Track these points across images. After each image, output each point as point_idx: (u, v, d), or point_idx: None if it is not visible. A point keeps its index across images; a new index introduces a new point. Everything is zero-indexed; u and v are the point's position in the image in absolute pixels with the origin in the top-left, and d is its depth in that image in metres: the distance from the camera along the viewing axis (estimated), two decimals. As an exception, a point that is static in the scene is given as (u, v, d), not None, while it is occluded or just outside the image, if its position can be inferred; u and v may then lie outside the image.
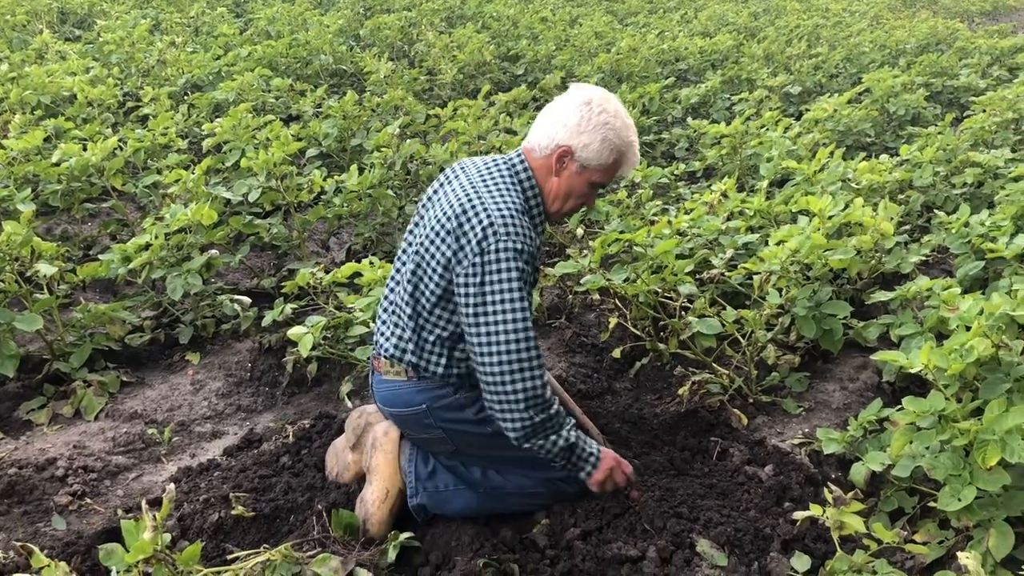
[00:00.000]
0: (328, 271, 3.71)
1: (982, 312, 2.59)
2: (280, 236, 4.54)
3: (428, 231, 2.46)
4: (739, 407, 3.23)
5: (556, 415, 2.43)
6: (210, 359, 3.82)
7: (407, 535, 2.48)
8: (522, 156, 2.55)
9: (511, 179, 2.51)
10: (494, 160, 2.58)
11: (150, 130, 5.15)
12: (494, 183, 2.48)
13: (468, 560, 2.38)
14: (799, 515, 2.32)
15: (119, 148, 4.83)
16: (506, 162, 2.55)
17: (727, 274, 3.59)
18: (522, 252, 2.35)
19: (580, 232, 4.47)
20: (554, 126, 2.50)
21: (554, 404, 2.44)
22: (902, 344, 3.06)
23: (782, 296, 3.32)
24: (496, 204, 2.39)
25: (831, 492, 2.21)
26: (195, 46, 8.33)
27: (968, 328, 2.56)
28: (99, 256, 3.93)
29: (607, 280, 3.33)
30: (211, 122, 5.28)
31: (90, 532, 2.63)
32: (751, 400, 3.31)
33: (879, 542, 2.14)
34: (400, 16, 10.08)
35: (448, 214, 2.42)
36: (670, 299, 3.43)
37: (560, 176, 2.52)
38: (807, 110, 6.75)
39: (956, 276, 3.58)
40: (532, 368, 2.35)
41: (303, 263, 4.45)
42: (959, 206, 3.95)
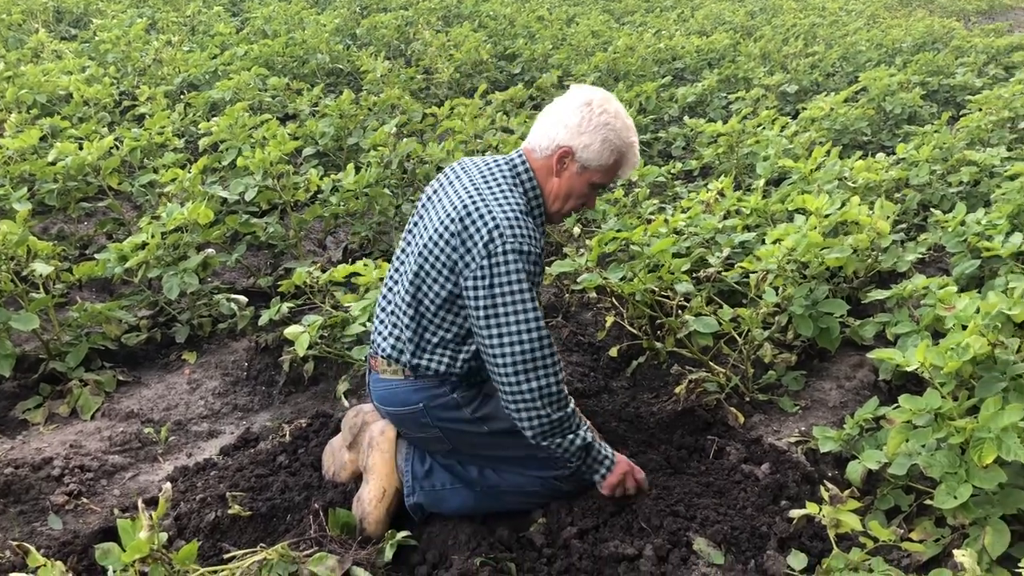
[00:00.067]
0: (325, 270, 3.70)
1: (978, 311, 2.59)
2: (276, 235, 4.53)
3: (431, 232, 2.46)
4: (736, 405, 3.23)
5: (573, 413, 2.45)
6: (207, 358, 3.81)
7: (404, 534, 2.48)
8: (523, 157, 2.55)
9: (513, 180, 2.51)
10: (495, 160, 2.58)
11: (146, 129, 5.14)
12: (496, 184, 2.47)
13: (465, 559, 2.38)
14: (795, 513, 2.32)
15: (115, 147, 4.82)
16: (508, 162, 2.55)
17: (724, 273, 3.59)
18: (529, 253, 2.35)
19: (577, 231, 4.47)
20: (555, 127, 2.50)
21: (571, 402, 2.45)
22: (898, 342, 3.06)
23: (779, 295, 3.32)
24: (500, 206, 2.39)
25: (827, 490, 2.21)
26: (191, 45, 8.32)
27: (964, 327, 2.56)
28: (95, 255, 3.92)
29: (604, 279, 3.33)
30: (207, 121, 5.27)
31: (86, 532, 2.63)
32: (748, 398, 3.31)
33: (875, 540, 2.15)
34: (397, 15, 10.06)
35: (452, 216, 2.42)
36: (667, 298, 3.44)
37: (561, 177, 2.52)
38: (804, 109, 6.75)
39: (952, 274, 3.59)
40: (547, 366, 2.36)
41: (300, 262, 4.44)
42: (955, 205, 3.95)
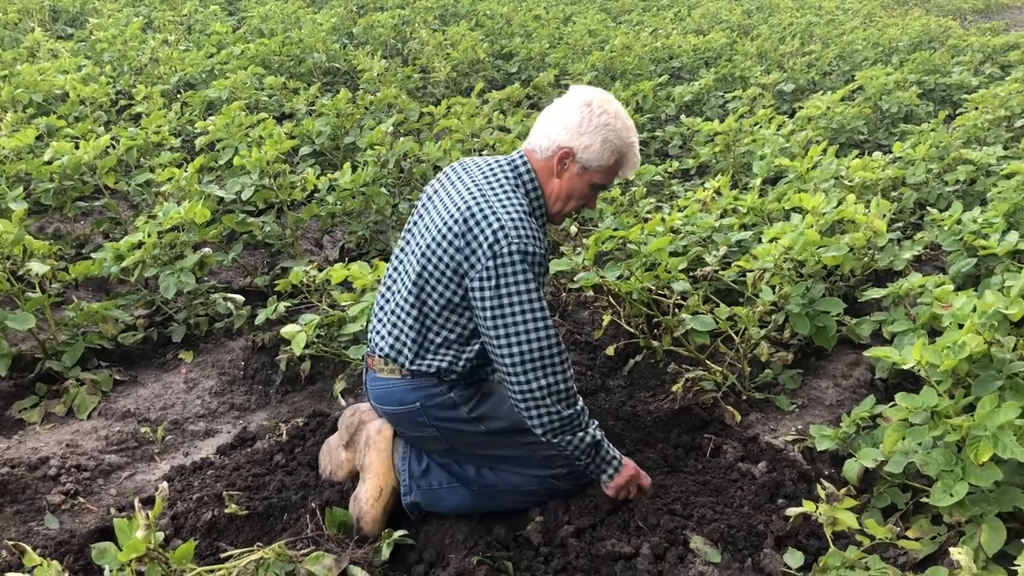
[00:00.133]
0: (321, 269, 3.70)
1: (975, 309, 2.59)
2: (273, 234, 4.53)
3: (433, 233, 2.45)
4: (732, 404, 3.23)
5: (583, 411, 2.46)
6: (203, 357, 3.81)
7: (401, 533, 2.48)
8: (524, 157, 2.55)
9: (515, 181, 2.51)
10: (496, 161, 2.57)
11: (143, 128, 5.13)
12: (499, 185, 2.47)
13: (462, 558, 2.38)
14: (792, 511, 2.32)
15: (112, 146, 4.82)
16: (509, 163, 2.55)
17: (720, 271, 3.59)
18: (534, 254, 2.36)
19: (574, 230, 4.47)
20: (555, 128, 2.50)
21: (580, 400, 2.46)
22: (895, 341, 3.06)
23: (775, 293, 3.32)
24: (504, 207, 2.39)
25: (824, 488, 2.22)
26: (188, 44, 8.31)
27: (961, 325, 2.57)
28: (92, 255, 3.92)
29: (601, 277, 3.33)
30: (204, 120, 5.26)
31: (83, 531, 2.63)
32: (744, 397, 3.32)
33: (872, 538, 2.15)
34: (393, 14, 10.06)
35: (455, 217, 2.41)
36: (664, 296, 3.44)
37: (561, 178, 2.52)
38: (800, 108, 6.76)
39: (949, 273, 3.59)
40: (555, 364, 2.37)
41: (296, 261, 4.44)
42: (952, 203, 3.96)
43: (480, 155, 5.19)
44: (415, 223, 2.60)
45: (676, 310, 3.40)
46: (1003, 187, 4.07)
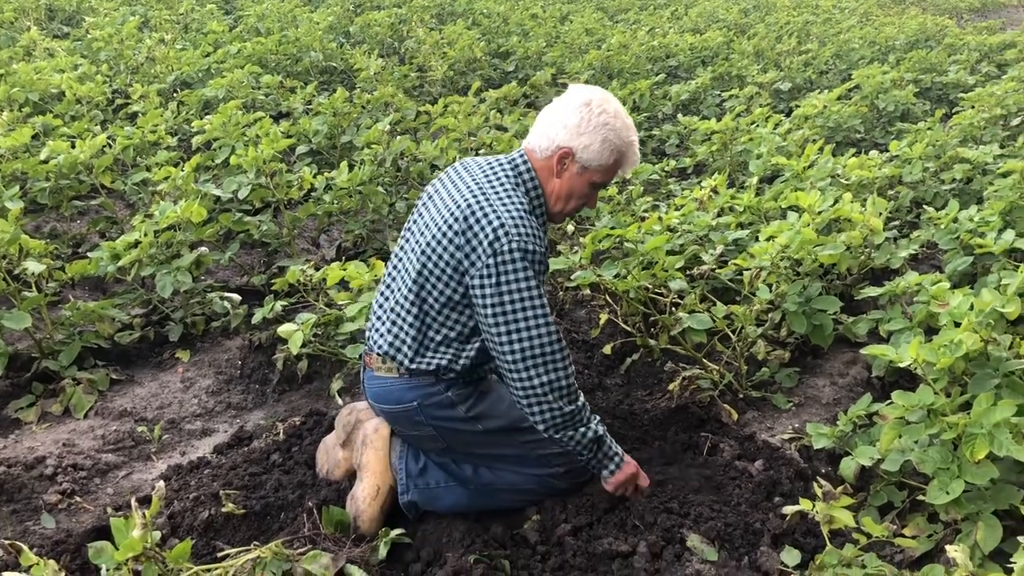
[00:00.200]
0: (318, 268, 3.69)
1: (972, 308, 2.60)
2: (270, 233, 4.52)
3: (434, 231, 2.45)
4: (729, 402, 3.23)
5: (584, 407, 2.47)
6: (200, 357, 3.80)
7: (398, 532, 2.48)
8: (524, 156, 2.55)
9: (515, 179, 2.51)
10: (497, 160, 2.58)
11: (139, 127, 5.13)
12: (500, 184, 2.47)
13: (459, 556, 2.38)
14: (789, 509, 2.32)
15: (108, 145, 4.81)
16: (509, 162, 2.55)
17: (717, 270, 3.59)
18: (534, 252, 2.36)
19: (571, 228, 4.47)
20: (554, 127, 2.50)
21: (581, 396, 2.47)
22: (891, 339, 3.07)
23: (772, 292, 3.33)
24: (505, 205, 2.40)
25: (821, 487, 2.22)
26: (184, 43, 8.29)
27: (958, 324, 2.57)
28: (88, 254, 3.91)
29: (598, 276, 3.33)
30: (200, 119, 5.26)
31: (80, 530, 2.62)
32: (741, 395, 3.32)
33: (868, 536, 2.15)
34: (390, 13, 10.05)
35: (456, 215, 2.42)
36: (660, 295, 3.44)
37: (561, 177, 2.52)
38: (797, 106, 6.76)
39: (945, 271, 3.59)
40: (556, 360, 2.38)
41: (293, 260, 4.43)
42: (948, 202, 3.96)
43: (477, 154, 5.21)
44: (415, 222, 2.60)
45: (673, 309, 3.40)
46: (999, 185, 4.08)
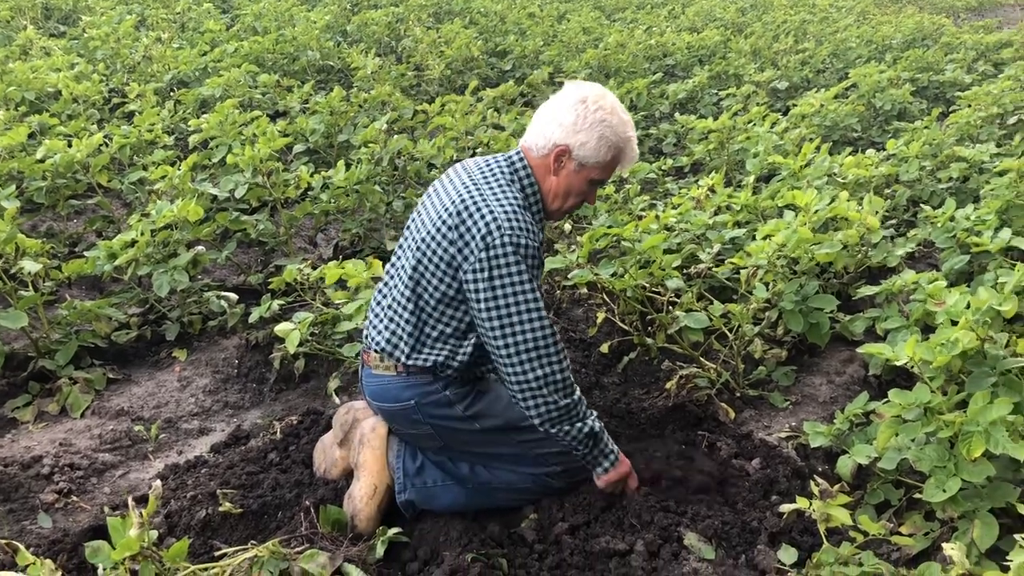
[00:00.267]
0: (315, 267, 3.69)
1: (968, 306, 2.60)
2: (267, 232, 4.52)
3: (429, 227, 2.46)
4: (726, 401, 3.24)
5: (580, 401, 2.46)
6: (197, 356, 3.80)
7: (395, 531, 2.48)
8: (521, 154, 2.55)
9: (511, 176, 2.51)
10: (494, 158, 2.58)
11: (136, 126, 5.12)
12: (495, 180, 2.48)
13: (456, 555, 2.38)
14: (786, 508, 2.32)
15: (104, 144, 4.80)
16: (506, 160, 2.56)
17: (714, 269, 3.60)
18: (527, 247, 2.36)
19: (568, 227, 4.47)
20: (550, 125, 2.50)
21: (577, 390, 2.46)
22: (888, 337, 3.07)
23: (769, 290, 3.33)
24: (498, 200, 2.40)
25: (818, 485, 2.22)
26: (181, 42, 8.29)
27: (955, 322, 2.57)
28: (85, 253, 3.90)
29: (595, 275, 3.33)
30: (197, 118, 5.26)
31: (76, 530, 2.62)
32: (738, 394, 3.32)
33: (865, 534, 2.15)
34: (387, 12, 10.04)
35: (450, 211, 2.42)
36: (658, 294, 3.44)
37: (559, 175, 2.52)
38: (794, 105, 6.77)
39: (942, 270, 3.60)
40: (550, 354, 2.37)
41: (290, 259, 4.43)
42: (945, 200, 3.97)
43: (475, 153, 5.21)
44: (413, 220, 2.61)
45: (670, 307, 3.40)
46: (996, 184, 4.08)
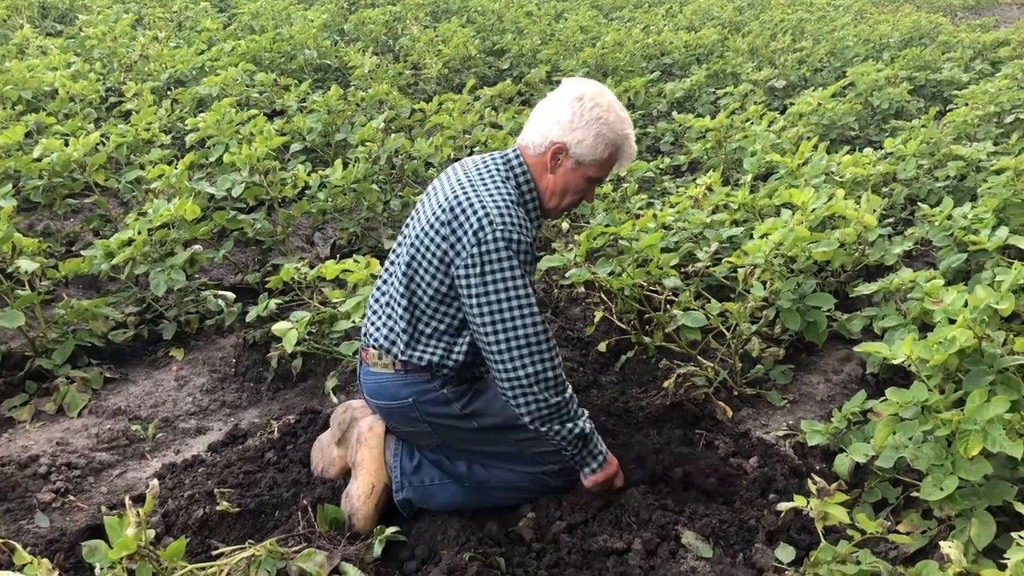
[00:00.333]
0: (313, 266, 3.69)
1: (966, 304, 2.60)
2: (264, 231, 4.51)
3: (423, 224, 2.46)
4: (724, 399, 3.24)
5: (571, 399, 2.45)
6: (194, 355, 3.80)
7: (393, 529, 2.47)
8: (518, 152, 2.55)
9: (506, 173, 2.51)
10: (491, 156, 2.58)
11: (133, 125, 5.11)
12: (489, 176, 2.48)
13: (454, 554, 2.37)
14: (783, 506, 2.33)
15: (101, 143, 4.79)
16: (502, 157, 2.56)
17: (712, 267, 3.60)
18: (519, 242, 2.35)
19: (565, 226, 4.47)
20: (547, 123, 2.49)
21: (568, 388, 2.45)
22: (885, 336, 3.07)
23: (766, 289, 3.33)
24: (491, 196, 2.40)
25: (815, 483, 2.22)
26: (178, 41, 8.27)
27: (952, 321, 2.57)
28: (82, 252, 3.90)
29: (592, 274, 3.33)
30: (194, 117, 5.24)
31: (73, 529, 2.62)
32: (736, 392, 3.32)
33: (863, 532, 2.15)
34: (384, 10, 10.03)
35: (443, 207, 2.42)
36: (655, 292, 3.44)
37: (556, 173, 2.52)
38: (791, 104, 6.77)
39: (939, 268, 3.60)
40: (542, 351, 2.36)
41: (287, 258, 4.42)
42: (942, 199, 3.97)
43: (472, 152, 5.21)
44: (411, 217, 2.61)
45: (667, 306, 3.40)
46: (993, 183, 4.09)
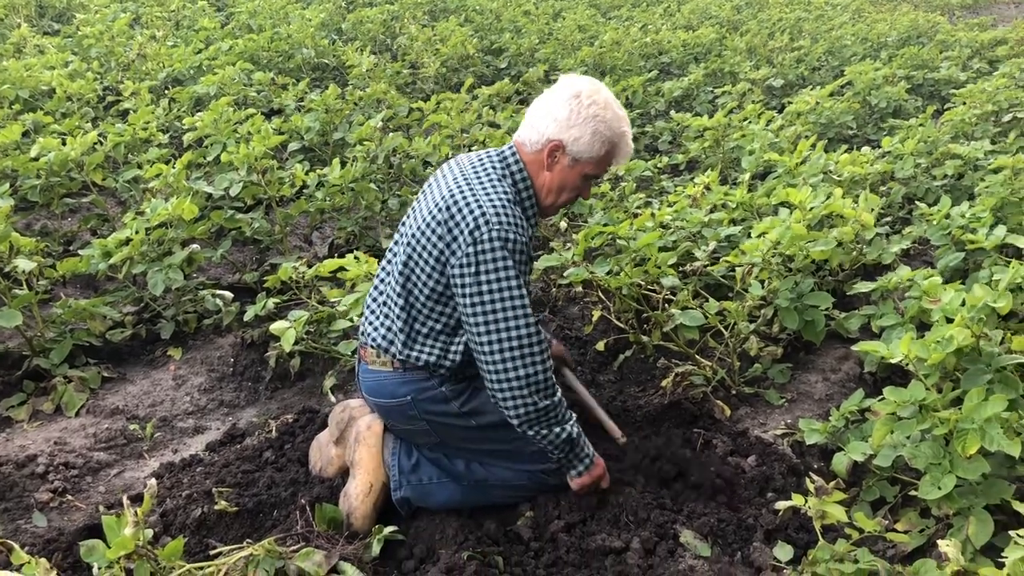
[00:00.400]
0: (311, 265, 3.69)
1: (963, 303, 2.60)
2: (262, 230, 4.51)
3: (420, 222, 2.46)
4: (722, 398, 3.24)
5: (560, 403, 2.44)
6: (192, 354, 3.79)
7: (391, 529, 2.48)
8: (514, 149, 2.55)
9: (502, 171, 2.51)
10: (487, 153, 2.58)
11: (130, 124, 5.10)
12: (486, 175, 2.47)
13: (452, 553, 2.38)
14: (782, 505, 2.33)
15: (99, 143, 4.78)
16: (498, 154, 2.55)
17: (710, 266, 3.60)
18: (515, 241, 2.35)
19: (563, 225, 4.47)
20: (544, 120, 2.49)
21: (558, 392, 2.44)
22: (883, 335, 3.08)
23: (764, 288, 3.33)
24: (487, 194, 2.39)
25: (813, 482, 2.22)
26: (176, 40, 8.26)
27: (950, 319, 2.57)
28: (79, 251, 3.89)
29: (590, 273, 3.33)
30: (192, 116, 5.24)
31: (71, 529, 2.61)
32: (734, 391, 3.32)
33: (861, 531, 2.16)
34: (382, 9, 10.02)
35: (440, 205, 2.42)
36: (653, 291, 3.44)
37: (552, 170, 2.51)
38: (789, 103, 6.77)
39: (937, 267, 3.60)
40: (533, 353, 2.35)
41: (285, 257, 4.42)
42: (940, 198, 3.97)
43: (470, 151, 5.20)
44: (408, 215, 2.61)
45: (666, 305, 3.40)
46: (991, 181, 4.09)
